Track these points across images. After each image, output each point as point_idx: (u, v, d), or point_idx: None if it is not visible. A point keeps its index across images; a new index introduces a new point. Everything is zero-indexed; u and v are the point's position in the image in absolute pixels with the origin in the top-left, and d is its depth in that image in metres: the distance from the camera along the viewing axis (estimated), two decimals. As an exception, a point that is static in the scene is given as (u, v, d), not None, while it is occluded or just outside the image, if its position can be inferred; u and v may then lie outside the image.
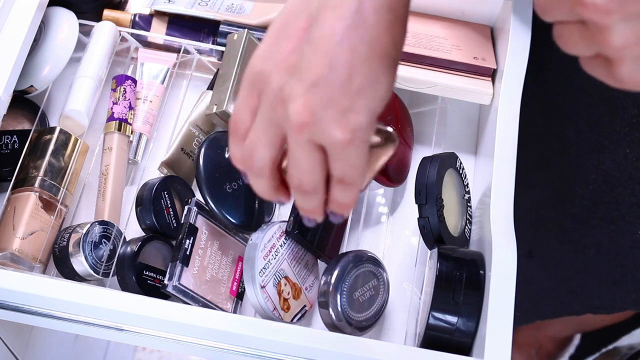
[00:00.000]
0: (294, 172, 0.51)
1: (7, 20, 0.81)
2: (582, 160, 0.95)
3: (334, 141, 0.48)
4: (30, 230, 0.79)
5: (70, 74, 0.90)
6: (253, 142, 0.52)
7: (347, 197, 0.52)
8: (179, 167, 0.86)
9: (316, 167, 0.50)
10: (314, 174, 0.50)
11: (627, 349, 1.36)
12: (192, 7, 0.93)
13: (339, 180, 0.51)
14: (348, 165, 0.50)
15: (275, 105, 0.50)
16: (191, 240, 0.78)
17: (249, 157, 0.52)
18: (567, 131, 0.95)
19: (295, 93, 0.49)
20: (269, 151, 0.51)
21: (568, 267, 1.04)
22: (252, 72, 0.52)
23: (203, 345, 0.71)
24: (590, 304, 1.06)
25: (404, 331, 0.83)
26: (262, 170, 0.52)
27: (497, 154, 0.79)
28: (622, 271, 0.99)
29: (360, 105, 0.49)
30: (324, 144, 0.49)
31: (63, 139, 0.84)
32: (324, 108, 0.48)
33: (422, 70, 0.88)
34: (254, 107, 0.52)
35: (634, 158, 0.90)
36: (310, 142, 0.49)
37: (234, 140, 0.54)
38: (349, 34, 0.48)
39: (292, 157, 0.50)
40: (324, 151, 0.50)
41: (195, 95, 0.92)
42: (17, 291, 0.70)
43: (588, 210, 0.97)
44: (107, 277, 0.80)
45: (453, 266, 0.75)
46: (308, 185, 0.51)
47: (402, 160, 0.89)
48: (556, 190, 1.00)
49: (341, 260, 0.77)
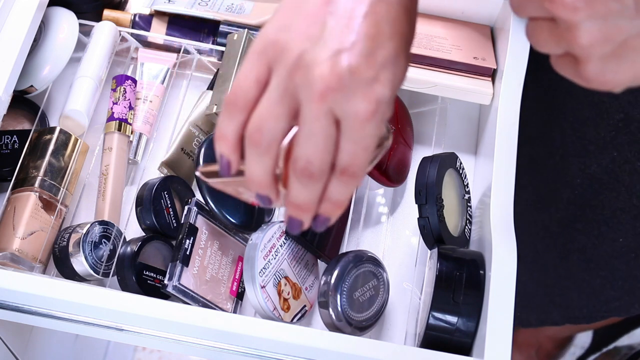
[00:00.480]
0: (303, 151, 0.47)
1: (7, 20, 0.81)
2: (567, 164, 0.95)
3: (358, 111, 0.46)
4: (30, 230, 0.79)
5: (70, 74, 0.90)
6: (263, 114, 0.48)
7: (344, 194, 0.49)
8: (179, 167, 0.86)
9: (329, 146, 0.47)
10: (326, 153, 0.47)
11: (627, 349, 1.37)
12: (192, 7, 0.93)
13: (343, 171, 0.48)
14: (360, 147, 0.47)
15: (294, 73, 0.47)
16: (191, 240, 0.78)
17: (256, 130, 0.48)
18: (553, 134, 0.95)
19: (320, 58, 0.46)
20: (280, 124, 0.48)
21: (551, 274, 1.04)
22: (263, 41, 0.49)
23: (203, 345, 0.71)
24: (569, 315, 1.06)
25: (404, 331, 0.83)
26: (271, 145, 0.48)
27: (497, 154, 0.79)
28: (601, 282, 0.99)
29: (385, 78, 0.47)
30: (343, 117, 0.47)
31: (63, 139, 0.84)
32: (351, 75, 0.46)
33: (422, 70, 0.88)
34: (261, 77, 0.49)
35: (622, 161, 0.90)
36: (329, 114, 0.47)
37: (230, 113, 0.49)
38: (373, 10, 0.48)
39: (305, 134, 0.47)
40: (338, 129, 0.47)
41: (195, 95, 0.92)
42: (17, 291, 0.70)
43: (573, 214, 0.97)
44: (107, 277, 0.80)
45: (453, 266, 0.75)
46: (317, 166, 0.47)
47: (402, 160, 0.89)
48: (542, 193, 1.00)
49: (341, 260, 0.77)
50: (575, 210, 0.97)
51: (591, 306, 1.02)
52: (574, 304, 1.04)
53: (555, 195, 0.98)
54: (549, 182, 0.99)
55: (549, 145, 0.97)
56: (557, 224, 1.00)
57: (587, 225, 0.96)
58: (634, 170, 0.89)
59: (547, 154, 0.97)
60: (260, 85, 0.49)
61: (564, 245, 1.00)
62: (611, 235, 0.95)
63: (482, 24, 0.94)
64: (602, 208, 0.94)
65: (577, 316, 1.05)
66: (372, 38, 0.47)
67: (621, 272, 0.97)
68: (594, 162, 0.92)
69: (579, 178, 0.94)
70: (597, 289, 1.00)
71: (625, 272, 0.96)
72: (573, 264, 1.00)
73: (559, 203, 0.98)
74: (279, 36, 0.48)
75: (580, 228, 0.97)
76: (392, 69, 0.48)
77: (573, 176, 0.95)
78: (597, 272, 0.98)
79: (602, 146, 0.90)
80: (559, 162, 0.96)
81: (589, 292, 1.01)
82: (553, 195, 0.98)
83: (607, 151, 0.90)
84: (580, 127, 0.91)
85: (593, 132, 0.91)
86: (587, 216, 0.96)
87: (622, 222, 0.93)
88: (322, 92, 0.46)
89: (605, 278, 0.98)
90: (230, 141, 0.50)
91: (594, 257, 0.98)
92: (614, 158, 0.90)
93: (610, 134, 0.89)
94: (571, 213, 0.97)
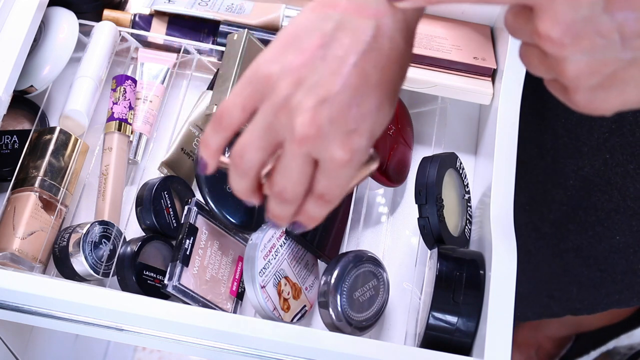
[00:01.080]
0: (279, 180, 0.51)
1: (7, 20, 0.81)
2: (560, 165, 0.95)
3: (333, 159, 0.49)
4: (30, 230, 0.79)
5: (70, 74, 0.90)
6: (246, 143, 0.52)
7: (320, 212, 0.53)
8: (179, 167, 0.86)
9: (303, 180, 0.51)
10: (300, 185, 0.51)
11: (627, 349, 1.37)
12: (192, 7, 0.93)
13: (319, 196, 0.51)
14: (334, 184, 0.51)
15: (279, 113, 0.50)
16: (191, 240, 0.78)
17: (238, 156, 0.52)
18: (545, 136, 0.95)
19: (304, 105, 0.49)
20: (260, 155, 0.51)
21: (546, 271, 1.04)
22: (256, 73, 0.52)
23: (203, 345, 0.71)
24: (570, 307, 1.06)
25: (404, 331, 0.83)
26: (249, 172, 0.52)
27: (497, 154, 0.79)
28: (601, 275, 0.99)
29: (364, 128, 0.50)
30: (320, 159, 0.50)
31: (63, 139, 0.84)
32: (331, 125, 0.49)
33: (422, 70, 0.88)
34: (249, 107, 0.52)
35: (614, 164, 0.90)
36: (307, 155, 0.50)
37: (215, 129, 0.53)
38: (363, 58, 0.50)
39: (283, 166, 0.51)
40: (316, 165, 0.51)
41: (195, 95, 0.92)
42: (17, 291, 0.70)
43: (566, 216, 0.97)
44: (107, 277, 0.80)
45: (453, 266, 0.75)
46: (290, 195, 0.51)
47: (402, 160, 0.89)
48: (534, 195, 1.00)
49: (341, 260, 0.77)
50: (568, 212, 0.97)
51: (592, 298, 1.02)
52: (573, 297, 1.04)
53: (547, 196, 0.98)
54: (541, 183, 0.99)
55: (541, 147, 0.97)
56: (549, 225, 1.00)
57: (580, 226, 0.96)
58: (626, 173, 0.89)
59: (539, 155, 0.97)
60: (246, 112, 0.52)
61: (557, 245, 1.00)
62: (607, 234, 0.95)
63: (482, 24, 0.94)
64: (596, 210, 0.94)
65: (577, 307, 1.05)
66: (357, 89, 0.49)
67: (621, 267, 0.97)
68: (587, 164, 0.92)
69: (571, 179, 0.94)
70: (598, 283, 1.00)
71: (625, 266, 0.96)
72: (569, 261, 1.00)
73: (551, 204, 0.98)
74: (271, 70, 0.51)
75: (573, 229, 0.97)
76: (372, 120, 0.50)
77: (566, 177, 0.95)
78: (597, 267, 0.98)
79: (595, 148, 0.91)
80: (550, 163, 0.96)
81: (589, 285, 1.01)
82: (545, 196, 0.99)
83: (600, 153, 0.90)
84: (574, 129, 0.92)
85: (586, 133, 0.91)
86: (581, 217, 0.96)
87: (617, 222, 0.93)
88: (302, 139, 0.49)
89: (605, 271, 0.98)
90: (211, 150, 0.54)
91: (592, 253, 0.98)
92: (606, 160, 0.90)
93: (603, 136, 0.89)
94: (564, 214, 0.97)
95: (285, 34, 0.52)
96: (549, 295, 1.07)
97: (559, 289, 1.05)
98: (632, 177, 0.89)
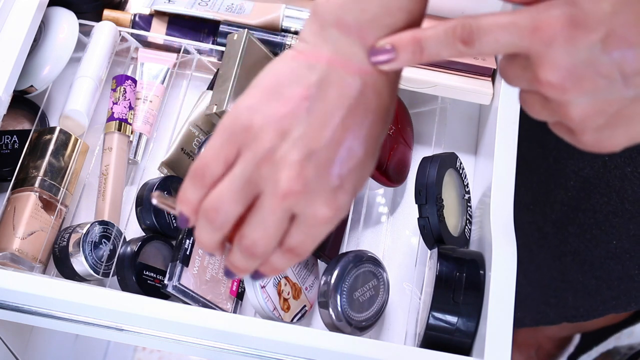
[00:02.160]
0: (251, 233, 0.49)
1: (7, 20, 0.81)
2: (561, 166, 0.95)
3: (315, 216, 0.48)
4: (30, 230, 0.79)
5: (70, 74, 0.90)
6: (223, 195, 0.49)
7: (286, 265, 0.51)
8: (179, 167, 0.86)
9: (278, 235, 0.49)
10: (273, 241, 0.49)
11: (627, 349, 1.37)
12: (192, 7, 0.93)
13: (289, 250, 0.50)
14: (310, 240, 0.49)
15: (261, 164, 0.48)
16: (191, 240, 0.78)
17: (212, 209, 0.49)
18: (548, 137, 0.95)
19: (290, 159, 0.47)
20: (237, 208, 0.49)
21: (545, 274, 1.04)
22: (235, 121, 0.49)
23: (203, 345, 0.71)
24: (566, 314, 1.06)
25: (404, 331, 0.83)
26: (223, 226, 0.49)
27: (497, 154, 0.79)
28: (597, 283, 0.99)
29: (349, 186, 0.49)
30: (300, 215, 0.48)
31: (63, 139, 0.84)
32: (317, 181, 0.47)
33: (422, 70, 0.88)
34: (229, 158, 0.49)
35: (612, 166, 0.90)
36: (287, 211, 0.48)
37: (193, 184, 0.50)
38: (350, 114, 0.48)
39: (258, 220, 0.48)
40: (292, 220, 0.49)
41: (195, 95, 0.92)
42: (17, 291, 0.70)
43: (567, 217, 0.97)
44: (107, 277, 0.80)
45: (453, 266, 0.75)
46: (261, 250, 0.49)
47: (402, 160, 0.89)
48: (536, 194, 1.00)
49: (341, 260, 0.77)
50: (569, 212, 0.97)
51: (587, 305, 1.02)
52: (569, 304, 1.04)
53: (550, 196, 0.98)
54: (543, 183, 0.99)
55: (544, 147, 0.97)
56: (551, 225, 1.00)
57: (580, 228, 0.96)
58: (624, 176, 0.89)
59: (542, 155, 0.97)
60: (227, 164, 0.49)
61: (558, 247, 1.00)
62: (604, 238, 0.95)
63: (482, 24, 0.94)
64: (594, 212, 0.94)
65: (573, 315, 1.05)
66: (344, 145, 0.48)
67: (617, 273, 0.97)
68: (587, 165, 0.92)
69: (572, 180, 0.94)
70: (593, 290, 1.00)
71: (621, 272, 0.96)
72: (567, 265, 1.00)
73: (553, 204, 0.98)
74: (252, 120, 0.49)
75: (573, 231, 0.97)
76: (357, 176, 0.49)
77: (567, 178, 0.95)
78: (592, 273, 0.98)
79: None
80: (553, 163, 0.96)
81: (584, 292, 1.01)
82: (548, 196, 0.99)
83: (600, 155, 0.90)
84: None
85: None
86: (580, 219, 0.96)
87: (614, 226, 0.93)
88: (286, 194, 0.47)
89: (600, 279, 0.98)
90: (191, 206, 0.51)
91: (588, 259, 0.98)
92: (605, 162, 0.90)
93: None
94: (565, 215, 0.97)
95: (265, 80, 0.50)
96: (545, 301, 1.07)
97: (556, 295, 1.05)
98: (630, 180, 0.89)
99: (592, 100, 0.45)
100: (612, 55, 0.43)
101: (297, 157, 0.47)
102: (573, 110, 0.46)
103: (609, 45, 0.43)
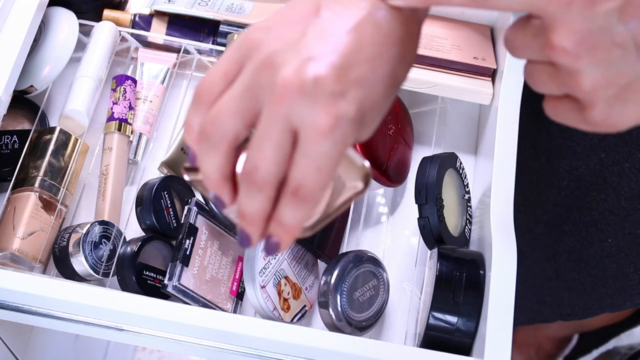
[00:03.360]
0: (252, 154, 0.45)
1: (7, 20, 0.81)
2: (554, 166, 0.95)
3: (315, 123, 0.44)
4: (30, 230, 0.79)
5: (70, 74, 0.90)
6: (221, 107, 0.46)
7: (294, 218, 0.46)
8: (179, 167, 0.86)
9: (279, 154, 0.45)
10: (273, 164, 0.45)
11: (627, 349, 1.37)
12: (192, 7, 0.93)
13: (294, 191, 0.45)
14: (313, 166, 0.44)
15: (261, 71, 0.45)
16: (191, 240, 0.78)
17: (209, 122, 0.46)
18: (540, 137, 0.95)
19: (288, 60, 0.45)
20: (235, 120, 0.46)
21: (538, 274, 1.04)
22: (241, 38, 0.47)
23: (203, 345, 0.71)
24: (561, 312, 1.06)
25: (404, 331, 0.83)
26: (220, 141, 0.46)
27: (497, 154, 0.79)
28: (592, 281, 0.99)
29: (353, 96, 0.45)
30: (300, 127, 0.44)
31: (63, 139, 0.84)
32: (316, 84, 0.44)
33: (422, 70, 0.88)
34: (229, 73, 0.47)
35: (610, 162, 0.90)
36: (285, 120, 0.44)
37: (195, 107, 0.48)
38: (358, 29, 0.46)
39: (258, 136, 0.45)
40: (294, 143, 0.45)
41: (195, 95, 0.92)
42: (17, 291, 0.70)
43: (561, 217, 0.97)
44: (107, 277, 0.80)
45: (453, 266, 0.75)
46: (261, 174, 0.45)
47: (402, 160, 0.89)
48: (528, 196, 1.00)
49: (341, 260, 0.77)
50: (562, 212, 0.96)
51: (582, 304, 1.02)
52: (564, 303, 1.04)
53: (542, 197, 0.98)
54: (535, 184, 0.99)
55: (536, 147, 0.96)
56: (543, 226, 0.99)
57: (574, 227, 0.96)
58: (622, 172, 0.89)
59: (534, 156, 0.97)
60: (228, 80, 0.47)
61: (551, 247, 1.00)
62: (599, 236, 0.94)
63: (482, 24, 0.94)
64: (590, 210, 0.93)
65: (568, 313, 1.05)
66: (348, 54, 0.45)
67: (612, 271, 0.97)
68: (582, 164, 0.92)
69: (566, 180, 0.94)
70: (588, 288, 1.00)
71: (616, 270, 0.96)
72: (561, 264, 1.00)
73: (545, 205, 0.98)
74: (256, 35, 0.47)
75: (568, 230, 0.97)
76: (363, 90, 0.46)
77: (560, 178, 0.94)
78: (588, 272, 0.98)
79: (589, 148, 0.90)
80: (545, 164, 0.96)
81: (579, 290, 1.01)
82: (539, 197, 0.98)
83: (595, 153, 0.90)
84: (568, 129, 0.91)
85: (580, 134, 0.90)
86: (575, 218, 0.95)
87: (610, 224, 0.93)
88: (281, 95, 0.44)
89: (596, 277, 0.98)
90: (195, 133, 0.48)
91: (583, 257, 0.98)
92: (601, 159, 0.90)
93: (597, 135, 0.89)
94: (558, 215, 0.97)
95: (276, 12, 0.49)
96: (540, 300, 1.07)
97: (551, 294, 1.05)
98: (628, 176, 0.89)
99: (604, 70, 0.44)
100: (629, 25, 0.43)
101: (296, 59, 0.45)
102: (584, 80, 0.45)
103: (626, 15, 0.43)
